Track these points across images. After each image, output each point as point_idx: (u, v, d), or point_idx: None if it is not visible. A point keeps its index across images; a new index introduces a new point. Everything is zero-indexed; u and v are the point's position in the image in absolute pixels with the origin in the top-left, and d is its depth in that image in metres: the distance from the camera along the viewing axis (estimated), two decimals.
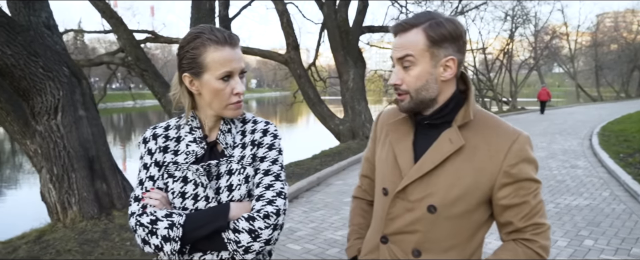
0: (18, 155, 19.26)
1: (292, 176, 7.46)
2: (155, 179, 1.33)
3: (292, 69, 12.90)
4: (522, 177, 1.24)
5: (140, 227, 1.24)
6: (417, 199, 1.28)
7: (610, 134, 12.64)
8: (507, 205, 1.25)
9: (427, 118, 1.31)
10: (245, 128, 1.39)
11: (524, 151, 1.25)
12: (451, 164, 1.26)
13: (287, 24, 12.57)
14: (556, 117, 20.89)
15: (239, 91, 1.28)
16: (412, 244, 1.30)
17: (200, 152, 1.32)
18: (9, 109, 5.28)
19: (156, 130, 1.40)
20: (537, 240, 1.24)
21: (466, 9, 17.67)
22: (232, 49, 1.27)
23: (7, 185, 13.29)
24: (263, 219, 1.23)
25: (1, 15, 4.22)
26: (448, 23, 1.22)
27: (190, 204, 1.30)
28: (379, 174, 1.42)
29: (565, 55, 40.73)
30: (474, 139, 1.27)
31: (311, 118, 34.51)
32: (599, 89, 42.57)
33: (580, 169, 8.19)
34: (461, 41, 1.24)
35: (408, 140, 1.35)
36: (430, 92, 1.26)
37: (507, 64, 30.87)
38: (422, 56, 1.23)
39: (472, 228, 1.29)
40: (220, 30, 1.28)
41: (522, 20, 29.10)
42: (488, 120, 1.30)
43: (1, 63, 4.25)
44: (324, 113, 12.76)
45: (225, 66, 1.25)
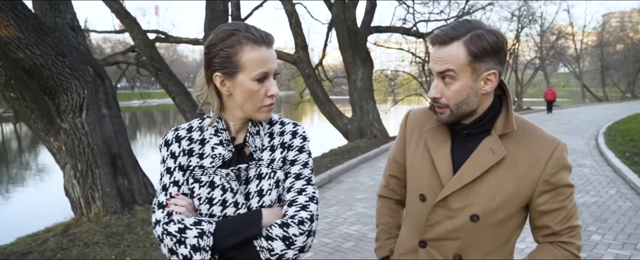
0: (25, 154, 19.54)
1: None
2: (180, 184, 1.26)
3: (301, 68, 13.06)
4: (560, 184, 1.26)
5: (168, 236, 1.17)
6: (458, 208, 1.29)
7: (616, 134, 12.73)
8: (546, 210, 1.27)
9: (466, 127, 1.30)
10: (272, 130, 1.34)
11: (563, 159, 1.27)
12: (492, 174, 1.26)
13: (296, 24, 12.73)
14: (562, 117, 20.97)
15: (274, 93, 1.23)
16: (453, 249, 1.32)
17: (228, 156, 1.26)
18: (33, 107, 5.48)
19: (179, 132, 1.32)
20: (574, 242, 1.28)
21: (472, 10, 17.75)
22: (268, 48, 1.21)
23: (15, 184, 13.48)
24: (297, 225, 1.19)
25: (32, 18, 4.40)
26: (489, 35, 1.19)
27: (218, 211, 1.24)
28: (414, 179, 1.41)
29: (571, 55, 40.72)
30: (514, 149, 1.27)
31: (315, 117, 34.69)
32: (605, 89, 42.51)
33: (586, 167, 8.32)
34: (502, 53, 1.22)
35: (446, 147, 1.34)
36: (471, 105, 1.26)
37: (513, 64, 30.92)
38: (463, 71, 1.21)
39: (509, 232, 1.32)
40: (256, 28, 1.21)
41: (528, 20, 29.14)
42: (526, 128, 1.31)
43: (31, 63, 4.44)
44: (332, 112, 12.92)
45: (261, 67, 1.19)
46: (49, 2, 5.03)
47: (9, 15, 4.18)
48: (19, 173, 15.20)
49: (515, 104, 30.30)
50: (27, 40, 4.32)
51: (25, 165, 16.90)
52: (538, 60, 32.92)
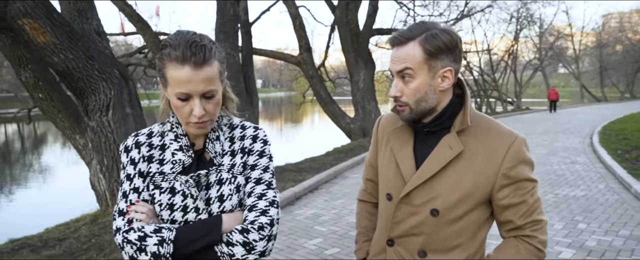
0: (28, 154, 19.92)
1: (309, 170, 8.03)
2: (140, 190, 1.25)
3: (305, 70, 13.46)
4: (519, 177, 1.28)
5: (128, 244, 1.16)
6: (420, 204, 1.33)
7: (610, 133, 13.12)
8: (507, 205, 1.30)
9: (426, 125, 1.35)
10: (233, 134, 1.33)
11: (521, 153, 1.29)
12: (452, 169, 1.30)
13: (300, 26, 13.14)
14: (560, 116, 21.37)
15: (196, 114, 1.17)
16: (417, 245, 1.36)
17: (188, 161, 1.26)
18: (60, 106, 5.91)
19: (139, 138, 1.31)
20: (536, 235, 1.31)
21: (472, 12, 18.17)
22: (194, 69, 1.13)
23: (20, 183, 13.82)
24: (257, 230, 1.20)
25: (65, 24, 4.81)
26: (443, 34, 1.25)
27: (180, 216, 1.24)
28: (383, 180, 1.45)
29: (570, 56, 41.12)
30: (472, 144, 1.31)
31: (316, 117, 35.14)
32: (604, 90, 42.90)
33: (579, 164, 8.72)
34: (457, 50, 1.28)
35: (409, 147, 1.38)
36: (430, 102, 1.30)
37: (512, 64, 31.32)
38: (420, 69, 1.27)
39: (473, 227, 1.34)
40: (189, 45, 1.14)
41: (526, 22, 29.56)
42: (484, 124, 1.35)
43: (64, 66, 4.85)
44: (335, 112, 13.32)
45: (181, 87, 1.15)
46: (77, 9, 5.44)
47: (46, 23, 4.59)
48: (22, 173, 15.56)
49: (514, 104, 30.71)
50: (61, 45, 4.73)
51: (29, 165, 17.26)
52: (537, 61, 33.29)
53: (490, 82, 29.53)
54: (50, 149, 22.06)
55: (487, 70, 31.11)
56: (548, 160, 9.21)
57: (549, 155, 9.87)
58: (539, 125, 17.02)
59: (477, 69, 27.73)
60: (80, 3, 5.44)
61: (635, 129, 13.28)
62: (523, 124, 17.78)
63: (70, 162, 16.87)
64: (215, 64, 1.18)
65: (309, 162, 9.10)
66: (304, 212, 5.53)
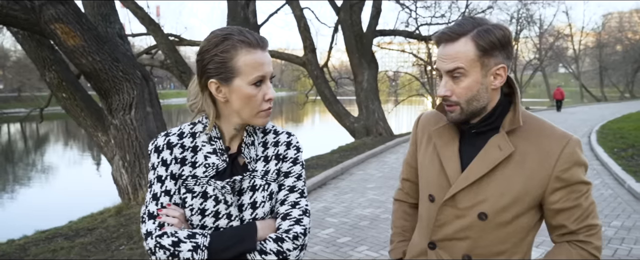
0: (31, 154, 20.23)
1: (316, 167, 8.36)
2: (171, 193, 1.22)
3: (310, 70, 13.79)
4: (574, 180, 1.22)
5: (161, 250, 1.14)
6: (466, 207, 1.27)
7: (608, 132, 13.43)
8: (560, 209, 1.23)
9: (474, 126, 1.29)
10: (266, 139, 1.31)
11: (575, 155, 1.23)
12: (501, 171, 1.24)
13: (304, 28, 13.46)
14: (559, 116, 21.70)
15: (271, 96, 1.21)
16: (462, 249, 1.30)
17: (222, 166, 1.24)
18: (82, 105, 6.26)
19: (170, 138, 1.27)
20: (591, 241, 1.23)
21: (473, 13, 18.48)
22: (263, 52, 1.19)
23: (22, 183, 14.07)
24: (292, 240, 1.19)
25: (93, 29, 5.14)
26: (496, 29, 1.19)
27: (210, 222, 1.22)
28: (424, 180, 1.40)
29: (570, 56, 41.48)
30: (523, 145, 1.25)
31: (317, 117, 35.51)
32: (603, 89, 43.24)
33: None
34: (510, 47, 1.22)
35: (454, 146, 1.33)
36: (481, 101, 1.24)
37: (512, 64, 31.66)
38: (473, 67, 1.20)
39: (522, 232, 1.28)
40: (249, 32, 1.19)
41: (526, 22, 29.91)
42: (536, 124, 1.28)
43: (91, 67, 5.17)
44: (339, 111, 13.64)
45: (258, 70, 1.17)
46: (101, 14, 5.77)
47: (76, 27, 4.92)
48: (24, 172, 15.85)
49: None
50: (89, 48, 5.06)
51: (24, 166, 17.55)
52: (537, 61, 33.66)
53: None
54: (53, 149, 22.39)
55: None
56: None
57: None
58: None
59: None
60: (103, 8, 5.78)
61: (632, 128, 13.61)
62: None
63: (71, 162, 17.21)
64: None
65: (316, 159, 9.43)
66: (315, 206, 5.86)
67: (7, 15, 4.97)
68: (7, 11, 4.93)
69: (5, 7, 4.90)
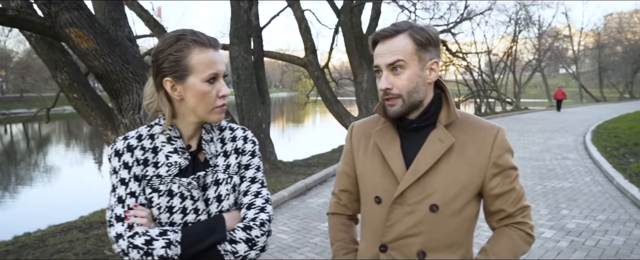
0: (31, 154, 20.51)
1: (317, 165, 8.63)
2: (136, 195, 1.25)
3: (310, 71, 14.05)
4: (507, 165, 1.33)
5: (134, 250, 1.17)
6: (416, 202, 1.31)
7: (603, 131, 13.69)
8: (498, 193, 1.33)
9: (414, 121, 1.34)
10: (223, 135, 1.36)
11: (505, 142, 1.34)
12: (445, 162, 1.30)
13: (306, 29, 13.73)
14: (557, 116, 21.94)
15: (225, 93, 1.26)
16: (416, 246, 1.32)
17: (185, 164, 1.27)
18: (93, 105, 6.52)
19: (130, 141, 1.30)
20: (526, 221, 1.35)
21: (471, 15, 18.75)
22: (215, 51, 1.24)
23: (23, 183, 14.34)
24: (259, 227, 1.25)
25: (105, 32, 5.41)
26: (428, 28, 1.30)
27: (179, 218, 1.25)
28: (368, 185, 1.41)
29: (569, 57, 41.71)
30: (460, 136, 1.33)
31: (318, 117, 35.78)
32: (603, 90, 43.43)
33: (570, 160, 9.30)
34: (439, 46, 1.33)
35: (396, 145, 1.36)
36: (420, 94, 1.31)
37: (511, 65, 31.89)
38: (412, 59, 1.28)
39: (468, 221, 1.35)
40: (202, 33, 1.25)
41: (525, 23, 30.14)
42: (467, 118, 1.38)
43: (103, 69, 5.44)
44: (340, 112, 13.91)
45: (211, 68, 1.22)
46: (111, 18, 6.04)
47: (89, 31, 5.19)
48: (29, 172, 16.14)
49: (513, 104, 31.26)
50: (101, 51, 5.32)
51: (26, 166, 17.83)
52: (536, 62, 33.90)
53: (489, 82, 30.13)
54: (57, 149, 22.67)
55: (487, 71, 31.70)
56: (541, 156, 9.79)
57: (543, 152, 10.45)
58: (536, 124, 17.59)
59: (477, 69, 28.31)
60: (114, 13, 6.05)
61: (626, 128, 13.86)
62: (521, 123, 18.35)
63: (74, 161, 17.49)
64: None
65: (316, 158, 9.71)
66: (316, 201, 6.13)
67: (24, 20, 5.24)
68: (23, 16, 5.21)
69: (22, 13, 5.18)
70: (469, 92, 28.03)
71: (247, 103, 8.67)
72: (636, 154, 9.20)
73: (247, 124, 8.72)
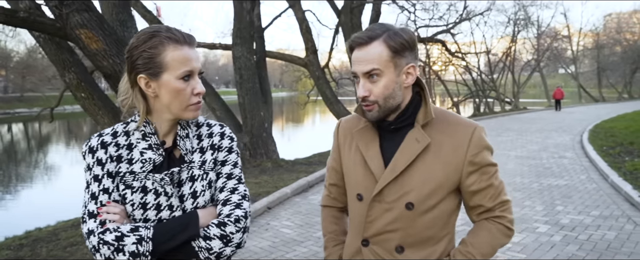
0: (34, 153, 20.66)
1: (318, 163, 8.79)
2: (110, 191, 1.24)
3: (311, 71, 14.21)
4: (484, 163, 1.35)
5: (104, 246, 1.16)
6: (393, 199, 1.35)
7: (600, 131, 13.87)
8: (476, 190, 1.36)
9: (392, 123, 1.38)
10: (200, 132, 1.36)
11: (482, 140, 1.36)
12: (421, 161, 1.34)
13: (306, 30, 13.89)
14: (556, 116, 22.13)
15: (200, 90, 1.25)
16: (394, 241, 1.38)
17: (159, 160, 1.27)
18: (100, 104, 6.69)
19: (104, 138, 1.29)
20: (505, 215, 1.39)
21: (471, 16, 18.92)
22: (190, 48, 1.23)
23: (23, 182, 14.47)
24: (234, 223, 1.24)
25: (113, 33, 5.57)
26: (404, 32, 1.30)
27: (153, 215, 1.25)
28: (351, 181, 1.46)
29: (568, 57, 41.92)
30: (437, 136, 1.35)
31: (318, 117, 35.98)
32: (601, 90, 43.67)
33: (566, 159, 9.47)
34: (416, 48, 1.33)
35: (375, 145, 1.40)
36: (397, 99, 1.34)
37: (510, 65, 32.08)
38: (387, 67, 1.29)
39: (445, 216, 1.39)
40: (177, 29, 1.24)
41: (524, 24, 30.33)
42: (445, 116, 1.40)
43: (111, 69, 5.60)
44: (340, 111, 14.06)
45: (185, 65, 1.21)
46: (119, 20, 6.21)
47: (98, 32, 5.35)
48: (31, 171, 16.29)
49: (512, 104, 31.46)
50: (110, 51, 5.49)
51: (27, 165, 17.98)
52: (534, 62, 34.10)
53: (488, 82, 30.33)
54: (58, 148, 22.82)
55: (486, 71, 31.89)
56: (538, 155, 9.96)
57: (540, 150, 10.62)
58: (534, 123, 17.77)
59: (475, 69, 28.51)
60: (121, 15, 6.22)
61: (623, 127, 14.04)
62: (520, 122, 18.52)
63: (76, 160, 17.62)
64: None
65: (317, 156, 9.86)
66: (317, 197, 6.29)
67: (35, 22, 5.41)
68: (34, 18, 5.38)
69: (33, 14, 5.35)
70: (468, 92, 28.21)
71: (250, 102, 8.83)
72: (631, 153, 9.38)
73: (250, 123, 8.88)
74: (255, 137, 8.88)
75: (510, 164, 8.86)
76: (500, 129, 15.54)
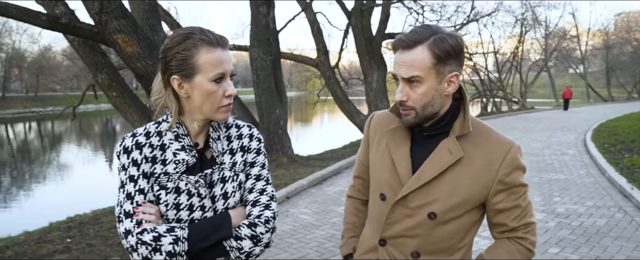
0: (47, 152, 21.29)
1: (331, 159, 9.29)
2: (145, 191, 1.27)
3: (322, 71, 14.69)
4: (514, 184, 1.31)
5: (142, 246, 1.19)
6: (417, 206, 1.34)
7: (604, 130, 14.22)
8: (501, 209, 1.33)
9: (426, 129, 1.35)
10: (229, 133, 1.38)
11: (516, 160, 1.32)
12: (450, 173, 1.31)
13: (318, 31, 14.37)
14: (562, 115, 22.43)
15: (231, 93, 1.26)
16: (411, 247, 1.37)
17: (192, 161, 1.29)
18: (130, 102, 7.24)
19: (138, 139, 1.31)
20: (528, 237, 1.35)
21: (478, 17, 19.29)
22: (224, 50, 1.24)
23: (36, 180, 15.03)
24: (264, 224, 1.27)
25: (146, 37, 6.10)
26: (451, 38, 1.25)
27: (186, 215, 1.28)
28: (375, 179, 1.45)
29: (577, 57, 42.04)
30: (471, 150, 1.32)
31: (326, 116, 36.46)
32: (610, 90, 43.70)
33: (568, 155, 9.87)
34: (462, 55, 1.29)
35: (406, 147, 1.38)
36: (435, 106, 1.30)
37: (517, 65, 32.35)
38: (429, 74, 1.25)
39: (465, 229, 1.37)
40: (210, 31, 1.25)
41: (532, 24, 30.62)
42: (482, 130, 1.36)
43: (144, 71, 6.13)
44: (350, 110, 14.55)
45: (218, 67, 1.22)
46: (149, 24, 6.74)
47: (133, 37, 5.88)
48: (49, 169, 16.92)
49: (520, 103, 31.73)
50: (143, 54, 6.01)
51: (40, 164, 18.64)
52: (542, 62, 34.34)
53: (495, 82, 30.64)
54: (73, 148, 23.49)
55: (494, 71, 32.19)
56: (541, 152, 10.38)
57: (544, 148, 11.03)
58: (540, 123, 18.12)
59: (483, 69, 28.84)
60: (151, 19, 6.74)
61: (626, 126, 14.37)
62: (526, 121, 18.88)
63: (86, 160, 18.23)
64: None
65: (330, 153, 10.37)
66: (332, 189, 6.78)
67: (75, 27, 5.98)
68: (74, 23, 5.94)
69: (73, 21, 5.90)
70: (476, 92, 28.55)
71: (266, 101, 9.34)
72: (631, 150, 9.76)
73: (266, 121, 9.40)
74: (272, 133, 9.39)
75: None
76: (506, 128, 15.93)
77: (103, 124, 37.19)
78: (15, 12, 5.76)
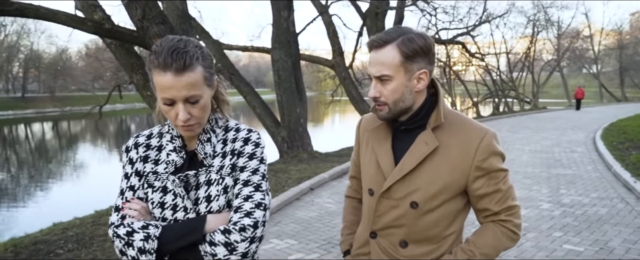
0: (65, 151, 21.99)
1: (348, 155, 9.76)
2: (135, 188, 1.32)
3: (338, 71, 15.18)
4: (491, 169, 1.38)
5: (117, 239, 1.23)
6: (400, 197, 1.41)
7: (614, 129, 14.49)
8: (482, 194, 1.40)
9: (403, 124, 1.43)
10: (226, 136, 1.37)
11: (491, 146, 1.38)
12: (429, 163, 1.38)
13: (333, 33, 14.85)
14: (574, 115, 22.66)
15: (181, 119, 1.21)
16: (399, 236, 1.45)
17: (180, 162, 1.32)
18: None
19: (138, 139, 1.38)
20: (512, 219, 1.42)
21: (490, 18, 19.63)
22: (175, 75, 1.17)
23: (54, 178, 15.68)
24: (239, 232, 1.23)
25: None
26: (419, 38, 1.32)
27: (170, 215, 1.30)
28: (365, 176, 1.53)
29: (590, 57, 42.01)
30: (446, 139, 1.39)
31: (337, 116, 36.93)
32: (624, 90, 43.56)
33: (577, 153, 10.24)
34: (431, 53, 1.35)
35: (387, 144, 1.46)
36: (406, 102, 1.38)
37: (530, 65, 32.52)
38: (397, 71, 1.33)
39: (450, 217, 1.44)
40: (171, 52, 1.17)
41: (544, 25, 30.79)
42: (457, 120, 1.43)
43: None
44: (365, 109, 14.99)
45: (164, 92, 1.20)
46: (183, 30, 7.28)
47: None
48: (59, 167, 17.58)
49: (532, 103, 31.90)
50: None
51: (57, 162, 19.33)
52: (554, 62, 34.46)
53: (508, 82, 30.86)
54: (89, 147, 24.20)
55: (506, 71, 32.39)
56: (551, 149, 10.75)
57: (553, 146, 11.40)
58: (551, 122, 18.42)
59: (495, 70, 29.09)
60: (184, 25, 7.29)
61: (636, 125, 14.64)
62: (538, 121, 19.18)
63: (102, 160, 18.88)
64: (198, 69, 1.20)
65: (347, 150, 10.84)
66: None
67: (116, 32, 6.54)
68: (117, 29, 6.50)
69: (116, 27, 6.47)
70: (488, 92, 28.81)
71: (287, 100, 9.86)
72: (639, 148, 10.09)
73: (287, 119, 9.91)
74: (293, 131, 9.91)
75: (524, 156, 9.69)
76: (518, 127, 16.26)
77: (118, 123, 37.98)
78: (64, 19, 6.32)
